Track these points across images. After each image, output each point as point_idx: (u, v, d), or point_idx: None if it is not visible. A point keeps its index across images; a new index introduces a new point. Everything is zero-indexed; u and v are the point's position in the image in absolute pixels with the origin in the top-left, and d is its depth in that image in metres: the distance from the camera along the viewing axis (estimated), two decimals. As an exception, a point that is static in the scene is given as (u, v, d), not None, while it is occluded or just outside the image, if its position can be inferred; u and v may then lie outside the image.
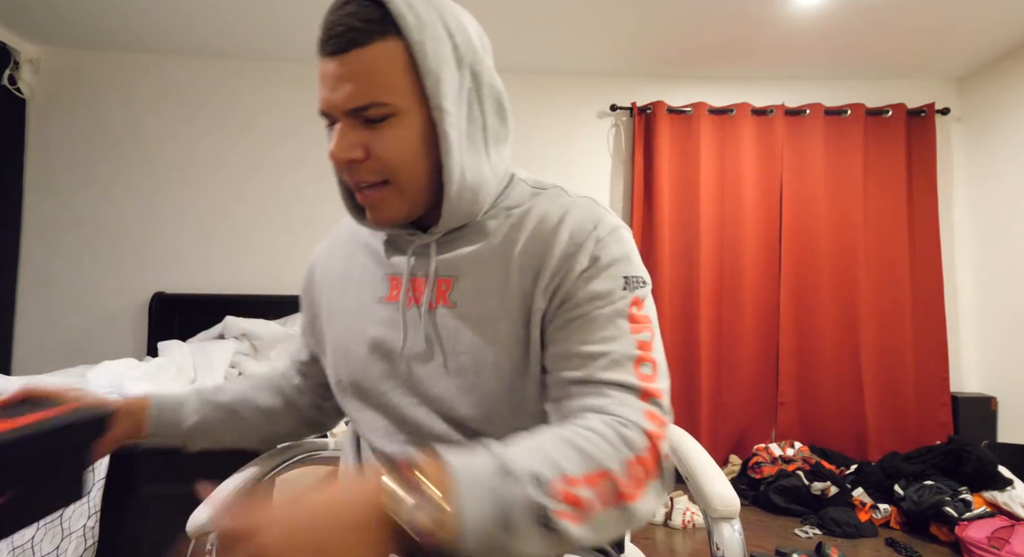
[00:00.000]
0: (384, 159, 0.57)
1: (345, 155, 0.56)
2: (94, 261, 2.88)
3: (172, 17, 2.58)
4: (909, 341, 2.88)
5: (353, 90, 0.54)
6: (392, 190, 0.59)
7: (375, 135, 0.56)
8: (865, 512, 2.34)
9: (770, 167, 2.98)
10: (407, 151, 0.57)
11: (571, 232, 0.59)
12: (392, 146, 0.56)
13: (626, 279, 0.58)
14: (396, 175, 0.58)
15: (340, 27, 0.54)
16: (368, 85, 0.54)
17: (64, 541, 1.25)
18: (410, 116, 0.56)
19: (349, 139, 0.56)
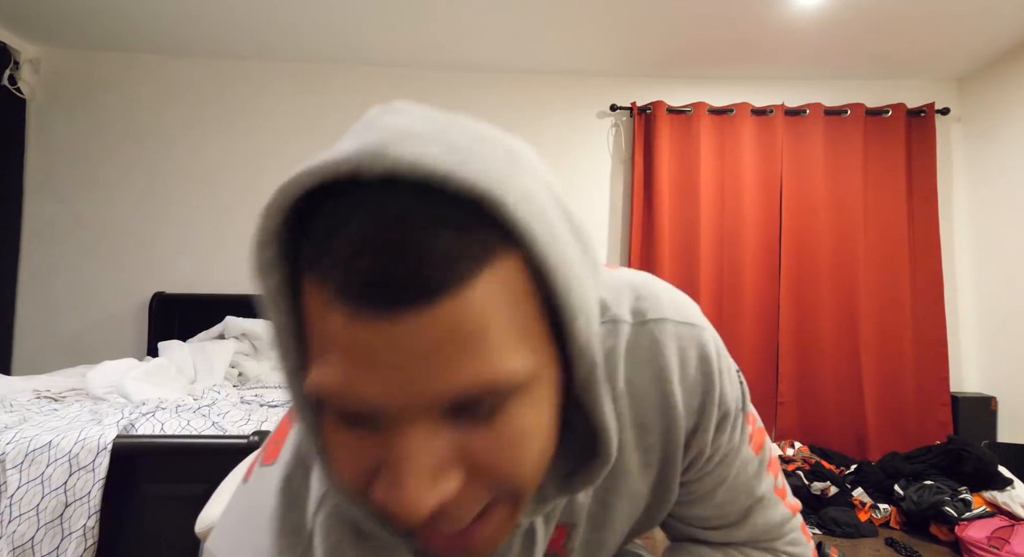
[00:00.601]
0: (504, 471, 0.31)
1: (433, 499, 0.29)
2: (94, 261, 2.88)
3: (173, 17, 2.58)
4: (909, 341, 2.88)
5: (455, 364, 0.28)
6: (506, 510, 0.33)
7: (484, 435, 0.30)
8: (865, 512, 2.34)
9: (770, 167, 2.98)
10: (540, 442, 0.32)
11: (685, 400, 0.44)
12: (521, 444, 0.31)
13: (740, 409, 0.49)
14: (520, 485, 0.32)
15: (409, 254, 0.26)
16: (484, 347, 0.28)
17: (64, 541, 1.25)
18: (541, 382, 0.32)
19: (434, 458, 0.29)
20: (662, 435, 0.45)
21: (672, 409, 0.44)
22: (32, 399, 1.73)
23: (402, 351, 0.27)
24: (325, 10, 2.50)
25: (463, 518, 0.31)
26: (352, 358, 0.27)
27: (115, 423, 1.38)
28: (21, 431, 1.33)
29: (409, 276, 0.26)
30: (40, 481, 1.26)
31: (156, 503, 1.33)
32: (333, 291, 0.27)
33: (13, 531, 1.22)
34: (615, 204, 3.10)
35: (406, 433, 0.28)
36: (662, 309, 0.45)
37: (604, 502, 0.47)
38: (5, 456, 1.27)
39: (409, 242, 0.26)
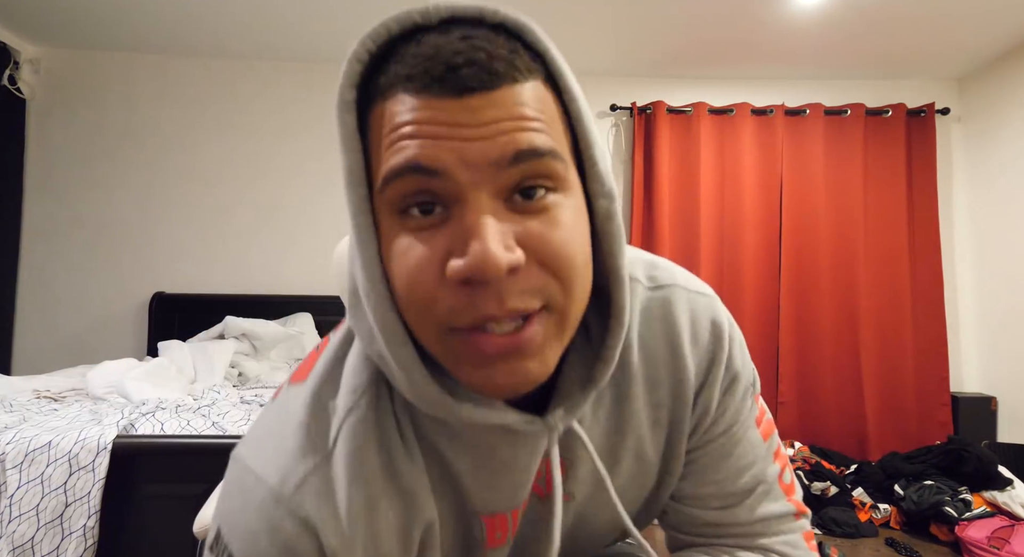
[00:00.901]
0: (557, 257, 0.34)
1: (506, 257, 0.32)
2: (94, 261, 2.88)
3: (173, 17, 2.58)
4: (909, 341, 2.88)
5: (514, 130, 0.33)
6: (554, 320, 0.35)
7: (537, 222, 0.34)
8: (865, 512, 2.34)
9: (770, 167, 2.98)
10: (580, 242, 0.36)
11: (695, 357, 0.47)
12: (566, 235, 0.34)
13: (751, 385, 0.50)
14: (567, 284, 0.35)
15: (478, 54, 0.32)
16: (536, 127, 0.33)
17: (64, 541, 1.25)
18: (573, 190, 0.36)
19: (502, 226, 0.33)
20: (671, 391, 0.47)
21: (682, 365, 0.46)
22: (32, 399, 1.73)
23: (471, 123, 0.32)
24: (325, 10, 2.50)
25: (527, 299, 0.33)
26: (427, 133, 0.32)
27: (115, 423, 1.38)
28: (21, 431, 1.33)
29: (478, 66, 0.32)
30: (40, 481, 1.26)
31: (156, 503, 1.33)
32: (413, 85, 0.33)
33: (13, 531, 1.22)
34: (615, 204, 3.10)
35: (477, 204, 0.33)
36: (675, 278, 0.49)
37: (612, 452, 0.47)
38: (5, 456, 1.27)
39: (476, 47, 0.33)
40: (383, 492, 0.40)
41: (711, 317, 0.48)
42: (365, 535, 0.39)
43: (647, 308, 0.47)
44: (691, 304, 0.48)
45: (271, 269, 2.94)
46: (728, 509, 0.49)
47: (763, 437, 0.50)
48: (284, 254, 2.95)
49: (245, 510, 0.38)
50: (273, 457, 0.40)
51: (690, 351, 0.46)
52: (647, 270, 0.49)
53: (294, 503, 0.38)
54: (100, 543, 1.28)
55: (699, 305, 0.48)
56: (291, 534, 0.37)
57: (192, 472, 1.32)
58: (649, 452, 0.48)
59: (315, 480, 0.39)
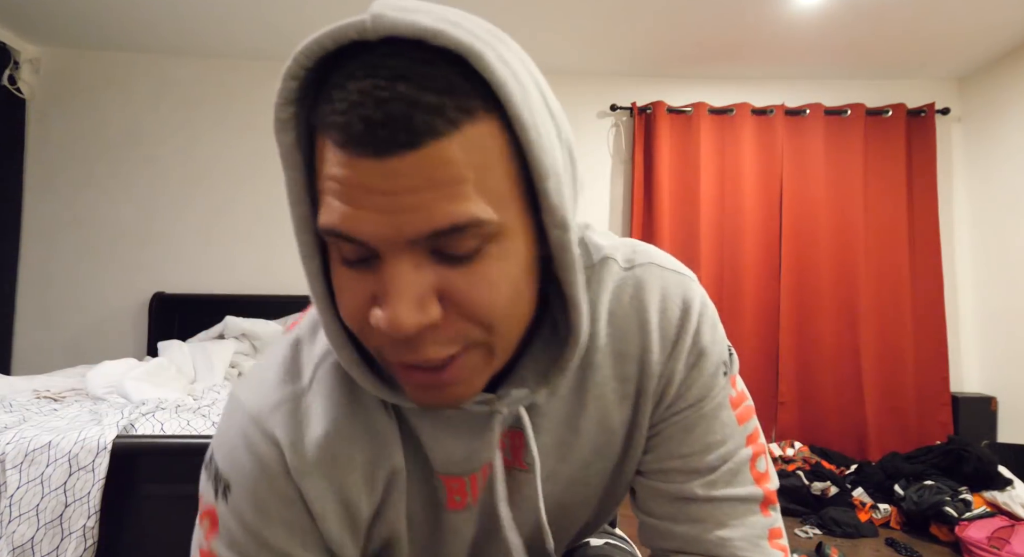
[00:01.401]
0: (478, 310, 0.35)
1: (416, 318, 0.33)
2: (94, 261, 2.88)
3: (172, 17, 2.58)
4: (909, 341, 2.88)
5: (433, 202, 0.32)
6: (480, 355, 0.37)
7: (461, 275, 0.34)
8: (865, 512, 2.34)
9: (770, 167, 2.98)
10: (510, 290, 0.36)
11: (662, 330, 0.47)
12: (492, 287, 0.35)
13: (723, 363, 0.49)
14: (492, 330, 0.36)
15: (399, 105, 0.30)
16: (461, 192, 0.32)
17: (64, 541, 1.25)
18: (512, 234, 0.35)
19: (417, 287, 0.33)
20: (638, 362, 0.47)
21: (648, 338, 0.47)
22: (32, 399, 1.73)
23: (390, 189, 0.31)
24: (324, 10, 2.50)
25: (441, 349, 0.35)
26: (349, 196, 0.32)
27: (115, 423, 1.38)
28: (21, 431, 1.33)
29: (398, 123, 0.30)
30: (40, 481, 1.26)
31: (156, 503, 1.33)
32: (336, 136, 0.32)
33: (13, 531, 1.22)
34: (615, 204, 3.10)
35: (395, 264, 0.33)
36: (652, 257, 0.49)
37: (571, 423, 0.48)
38: (5, 456, 1.27)
39: (401, 95, 0.30)
40: (351, 429, 0.44)
41: (682, 293, 0.48)
42: (328, 465, 0.43)
43: (620, 286, 0.48)
44: (663, 280, 0.48)
45: (271, 269, 2.94)
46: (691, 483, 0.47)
47: (738, 420, 0.49)
48: (284, 254, 2.95)
49: (229, 430, 0.45)
50: (256, 387, 0.46)
51: (657, 323, 0.47)
52: (628, 253, 0.50)
53: (267, 423, 0.43)
54: (100, 543, 1.28)
55: (671, 281, 0.48)
56: (263, 450, 0.43)
57: (192, 472, 1.31)
58: (615, 424, 0.48)
59: (288, 406, 0.44)
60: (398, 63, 0.31)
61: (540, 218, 0.37)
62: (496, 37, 0.35)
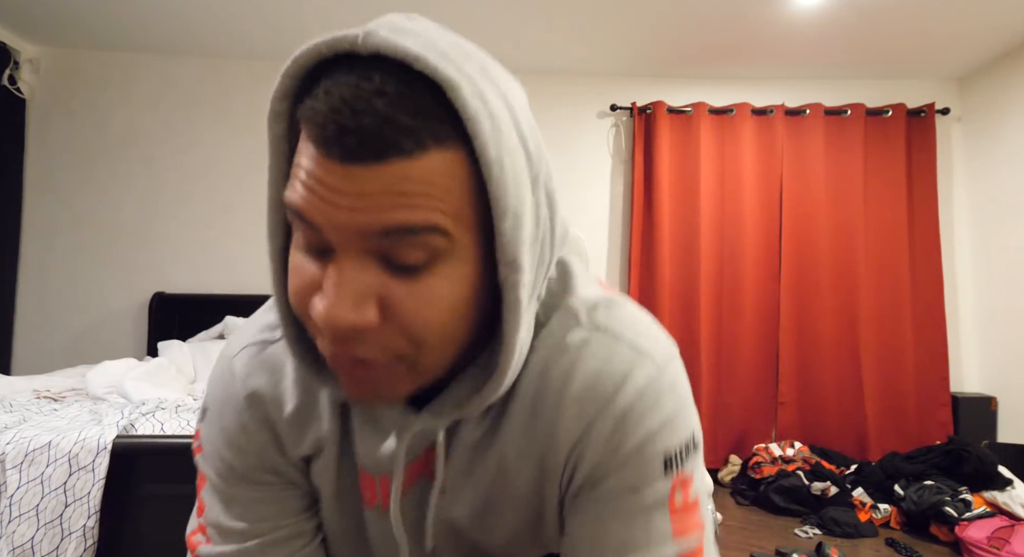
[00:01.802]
0: (413, 325, 0.35)
1: (351, 317, 0.34)
2: (94, 261, 2.88)
3: (171, 17, 2.58)
4: (909, 341, 2.88)
5: (390, 207, 0.33)
6: (405, 367, 0.38)
7: (404, 287, 0.35)
8: (865, 512, 2.34)
9: (770, 167, 2.98)
10: (449, 313, 0.36)
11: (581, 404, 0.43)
12: (431, 305, 0.35)
13: (666, 460, 0.42)
14: (422, 348, 0.37)
15: (372, 119, 0.32)
16: (417, 204, 0.33)
17: (64, 541, 1.25)
18: (462, 260, 0.36)
19: (359, 286, 0.34)
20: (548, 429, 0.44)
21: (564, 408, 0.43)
22: (32, 399, 1.73)
23: (351, 191, 0.33)
24: (324, 11, 2.50)
25: (368, 353, 0.36)
26: (313, 187, 0.34)
27: (115, 423, 1.38)
28: (21, 431, 1.33)
29: (368, 135, 0.31)
30: (40, 481, 1.26)
31: (156, 503, 1.33)
32: (312, 136, 0.33)
33: (13, 531, 1.22)
34: (615, 204, 3.10)
35: (343, 261, 0.34)
36: (616, 324, 0.45)
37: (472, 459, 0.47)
38: (5, 456, 1.27)
39: (377, 109, 0.31)
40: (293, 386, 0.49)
41: (623, 372, 0.42)
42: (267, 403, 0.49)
43: (565, 341, 0.44)
44: (609, 353, 0.43)
45: (271, 269, 2.93)
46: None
47: (674, 530, 0.42)
48: (284, 254, 2.94)
49: (215, 367, 0.53)
50: (241, 332, 0.53)
51: (577, 396, 0.43)
52: (599, 309, 0.46)
53: (234, 359, 0.51)
54: (100, 543, 1.28)
55: (617, 356, 0.43)
56: (227, 380, 0.50)
57: (192, 472, 1.31)
58: (518, 478, 0.46)
59: (253, 349, 0.50)
60: (381, 79, 0.32)
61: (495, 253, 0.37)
62: (483, 71, 0.35)
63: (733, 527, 2.28)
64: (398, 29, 0.34)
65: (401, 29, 0.34)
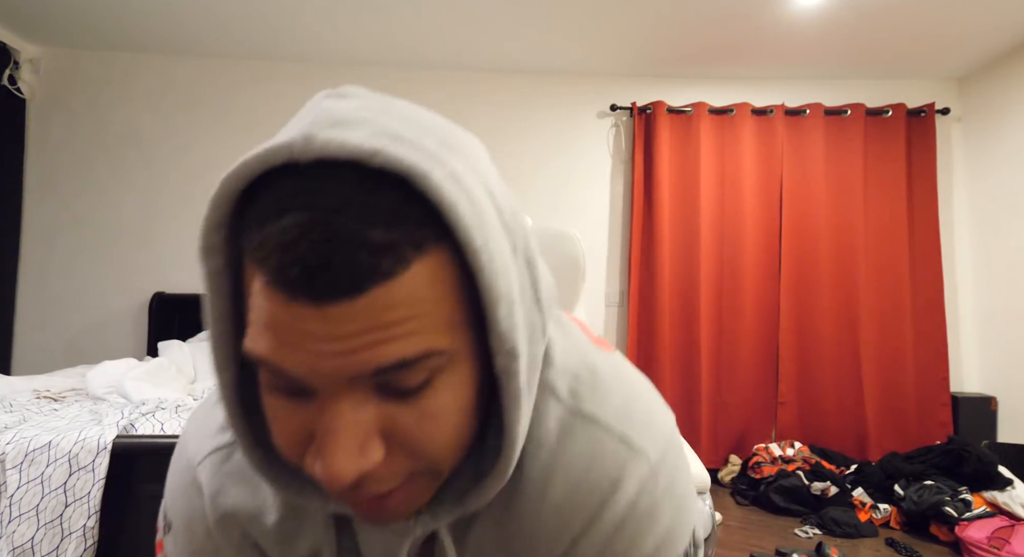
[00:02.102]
0: (423, 446, 0.33)
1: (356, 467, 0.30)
2: (94, 261, 2.88)
3: (171, 17, 2.58)
4: (909, 341, 2.88)
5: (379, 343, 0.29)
6: (419, 483, 0.35)
7: (406, 410, 0.32)
8: (865, 512, 2.34)
9: (770, 167, 2.98)
10: (457, 424, 0.34)
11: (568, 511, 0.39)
12: (438, 422, 0.33)
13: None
14: (435, 462, 0.34)
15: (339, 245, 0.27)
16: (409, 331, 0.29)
17: (64, 541, 1.25)
18: (461, 362, 0.33)
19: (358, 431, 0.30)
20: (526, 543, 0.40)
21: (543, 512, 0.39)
22: (32, 399, 1.73)
23: (330, 335, 0.28)
24: (324, 11, 2.50)
25: (382, 486, 0.33)
26: (283, 338, 0.29)
27: (115, 423, 1.38)
28: (21, 431, 1.33)
29: (340, 267, 0.27)
30: (40, 481, 1.26)
31: (156, 503, 1.32)
32: (269, 276, 0.28)
33: (13, 531, 1.22)
34: (615, 204, 3.10)
35: (334, 405, 0.30)
36: (604, 407, 0.40)
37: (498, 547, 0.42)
38: (5, 456, 1.27)
39: (342, 233, 0.27)
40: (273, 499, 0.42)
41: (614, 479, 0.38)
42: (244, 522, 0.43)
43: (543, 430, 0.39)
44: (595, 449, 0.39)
45: (271, 269, 2.94)
46: None
47: None
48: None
49: (174, 470, 0.46)
50: (198, 429, 0.45)
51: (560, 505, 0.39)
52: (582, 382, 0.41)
53: (197, 471, 0.44)
54: (100, 543, 1.28)
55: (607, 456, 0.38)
56: (191, 494, 0.44)
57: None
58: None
59: (217, 457, 0.43)
60: (336, 191, 0.27)
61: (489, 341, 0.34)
62: (445, 143, 0.32)
63: (733, 527, 2.28)
64: (338, 121, 0.29)
65: (342, 120, 0.30)
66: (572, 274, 1.08)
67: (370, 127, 0.29)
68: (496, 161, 2.92)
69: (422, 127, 0.31)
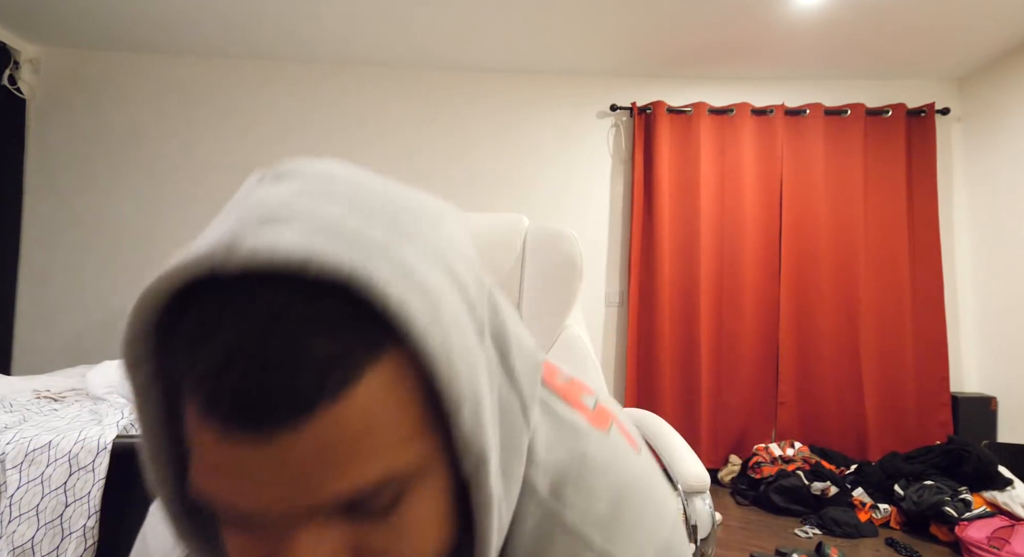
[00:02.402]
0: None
1: None
2: (94, 261, 2.88)
3: (172, 17, 2.58)
4: (909, 341, 2.88)
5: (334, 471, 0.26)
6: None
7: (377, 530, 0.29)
8: (865, 512, 2.34)
9: (770, 167, 2.98)
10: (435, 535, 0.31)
11: None
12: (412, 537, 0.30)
13: None
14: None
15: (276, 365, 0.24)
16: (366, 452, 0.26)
17: (64, 541, 1.25)
18: (434, 468, 0.30)
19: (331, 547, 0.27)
20: None
21: None
22: (32, 399, 1.73)
23: (277, 468, 0.25)
24: (323, 10, 2.50)
25: None
26: (224, 473, 0.25)
27: (115, 423, 1.38)
28: (21, 431, 1.33)
29: (280, 392, 0.24)
30: (40, 481, 1.26)
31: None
32: (202, 406, 0.25)
33: (13, 531, 1.22)
34: (615, 204, 3.10)
35: (292, 541, 0.26)
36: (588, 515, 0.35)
37: None
38: (5, 456, 1.27)
39: (278, 352, 0.24)
40: None
41: None
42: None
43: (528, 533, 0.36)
44: None
45: (271, 269, 2.93)
46: None
47: None
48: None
49: None
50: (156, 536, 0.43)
51: None
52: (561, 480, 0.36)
53: None
54: (100, 543, 1.28)
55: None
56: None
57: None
58: None
59: None
60: (269, 303, 0.24)
61: None
62: (395, 224, 0.29)
63: (733, 527, 2.28)
64: (268, 217, 0.26)
65: (272, 216, 0.26)
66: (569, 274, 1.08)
67: (304, 222, 0.26)
68: (496, 161, 2.89)
69: (368, 209, 0.28)
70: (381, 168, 3.02)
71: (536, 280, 1.11)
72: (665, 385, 2.86)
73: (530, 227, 1.17)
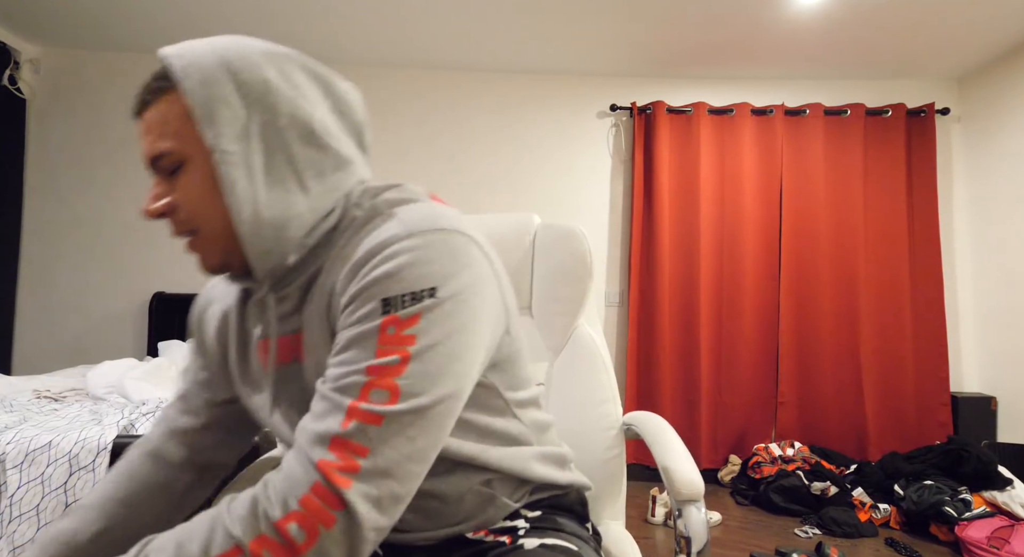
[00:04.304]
0: (182, 208, 0.58)
1: (152, 206, 0.58)
2: (94, 261, 2.88)
3: (172, 17, 2.58)
4: (909, 341, 2.88)
5: (147, 143, 0.58)
6: (200, 239, 0.59)
7: (172, 186, 0.58)
8: (865, 512, 2.34)
9: (770, 167, 2.98)
10: (199, 197, 0.57)
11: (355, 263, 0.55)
12: (185, 194, 0.57)
13: (385, 301, 0.51)
14: (197, 223, 0.58)
15: (140, 91, 0.58)
16: (155, 137, 0.57)
17: (64, 541, 1.24)
18: (196, 162, 0.56)
19: (155, 192, 0.59)
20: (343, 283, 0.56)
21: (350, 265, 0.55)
22: (32, 399, 1.73)
23: (140, 136, 0.60)
24: (323, 11, 2.50)
25: (179, 230, 0.59)
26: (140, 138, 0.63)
27: (115, 423, 1.38)
28: (21, 431, 1.33)
29: (136, 101, 0.59)
30: (40, 481, 1.26)
31: (156, 503, 1.33)
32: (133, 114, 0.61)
33: (13, 531, 1.22)
34: (615, 204, 3.10)
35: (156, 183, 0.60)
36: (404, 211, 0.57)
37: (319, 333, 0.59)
38: (5, 456, 1.27)
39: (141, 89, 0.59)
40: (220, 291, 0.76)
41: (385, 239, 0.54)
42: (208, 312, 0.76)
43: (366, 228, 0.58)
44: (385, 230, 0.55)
45: (271, 269, 2.93)
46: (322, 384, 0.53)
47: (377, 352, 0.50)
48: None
49: None
50: None
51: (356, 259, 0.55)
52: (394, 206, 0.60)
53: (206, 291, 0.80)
54: (100, 543, 1.28)
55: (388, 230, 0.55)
56: None
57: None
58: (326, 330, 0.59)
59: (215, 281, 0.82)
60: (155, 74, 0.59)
61: None
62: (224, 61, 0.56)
63: (733, 527, 2.28)
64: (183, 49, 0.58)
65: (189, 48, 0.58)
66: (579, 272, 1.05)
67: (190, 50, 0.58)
68: (497, 161, 2.88)
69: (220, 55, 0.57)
70: (381, 168, 3.02)
71: (546, 279, 1.09)
72: (665, 385, 2.86)
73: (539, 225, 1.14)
